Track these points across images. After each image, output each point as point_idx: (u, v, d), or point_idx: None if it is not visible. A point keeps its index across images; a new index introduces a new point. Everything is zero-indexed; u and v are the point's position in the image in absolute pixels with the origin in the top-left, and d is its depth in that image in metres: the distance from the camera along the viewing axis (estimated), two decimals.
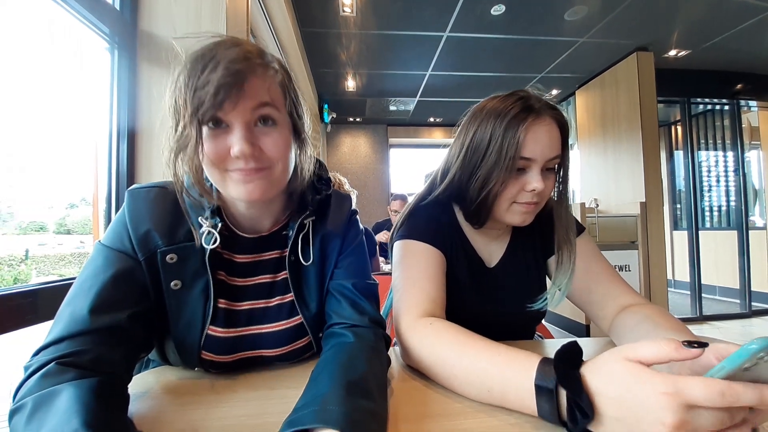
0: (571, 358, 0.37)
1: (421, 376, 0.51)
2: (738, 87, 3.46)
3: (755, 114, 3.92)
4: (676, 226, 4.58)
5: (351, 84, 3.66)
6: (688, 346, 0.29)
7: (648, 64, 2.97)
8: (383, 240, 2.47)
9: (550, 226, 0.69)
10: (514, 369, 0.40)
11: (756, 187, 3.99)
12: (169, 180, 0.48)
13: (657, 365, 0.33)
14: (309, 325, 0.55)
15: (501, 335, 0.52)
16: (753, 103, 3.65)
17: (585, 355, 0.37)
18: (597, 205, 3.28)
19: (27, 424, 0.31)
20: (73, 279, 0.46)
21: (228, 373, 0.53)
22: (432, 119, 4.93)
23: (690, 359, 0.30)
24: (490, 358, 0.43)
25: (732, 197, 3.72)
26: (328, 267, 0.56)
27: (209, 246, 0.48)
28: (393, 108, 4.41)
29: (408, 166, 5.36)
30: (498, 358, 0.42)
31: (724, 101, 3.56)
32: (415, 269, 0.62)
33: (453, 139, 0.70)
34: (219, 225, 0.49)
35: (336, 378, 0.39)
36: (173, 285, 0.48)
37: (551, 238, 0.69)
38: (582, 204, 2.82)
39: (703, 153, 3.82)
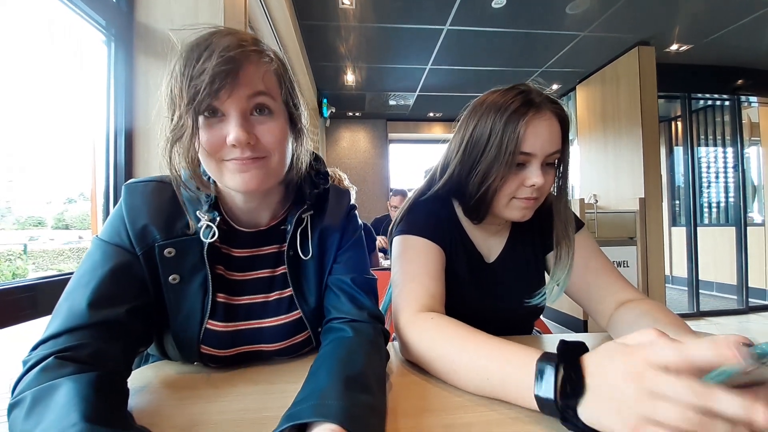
0: (577, 347, 0.37)
1: (420, 370, 0.52)
2: (739, 82, 3.45)
3: (755, 110, 3.91)
4: (674, 222, 4.58)
5: (350, 78, 3.64)
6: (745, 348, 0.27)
7: (649, 58, 2.95)
8: (383, 245, 2.45)
9: (549, 221, 0.69)
10: (514, 361, 0.40)
11: (755, 184, 3.98)
12: (167, 174, 0.47)
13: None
14: (308, 320, 0.55)
15: (499, 330, 0.52)
16: (753, 99, 3.64)
17: None
18: (596, 201, 3.28)
19: (26, 418, 0.31)
20: (71, 274, 0.45)
21: (227, 368, 0.53)
22: (432, 114, 4.91)
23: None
24: (490, 351, 0.43)
25: (731, 193, 3.72)
26: (326, 262, 0.56)
27: (207, 240, 0.48)
28: (392, 102, 4.38)
29: (407, 161, 5.35)
30: (498, 351, 0.42)
31: (724, 97, 3.54)
32: (415, 264, 0.62)
33: (453, 134, 0.69)
34: (217, 219, 0.49)
35: (335, 372, 0.39)
36: (171, 279, 0.48)
37: (550, 233, 0.69)
38: (581, 200, 2.82)
39: (703, 149, 3.81)
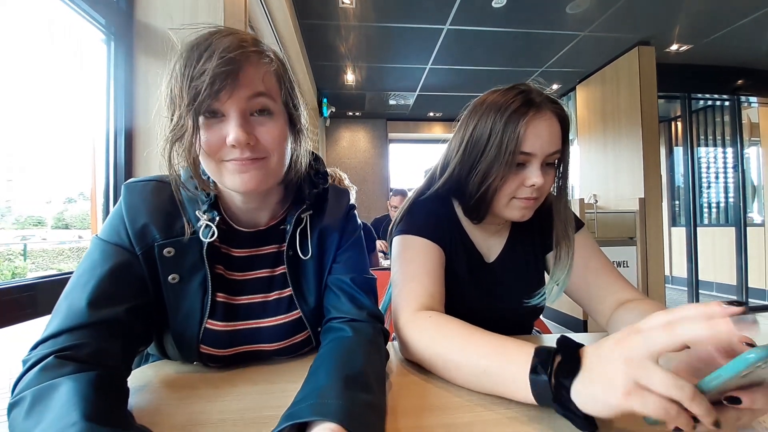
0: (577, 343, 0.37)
1: (420, 370, 0.52)
2: (739, 83, 3.45)
3: (755, 110, 3.91)
4: (674, 222, 4.59)
5: (350, 77, 3.63)
6: (728, 305, 0.28)
7: (649, 58, 2.95)
8: (383, 248, 2.45)
9: (549, 221, 0.69)
10: (512, 352, 0.41)
11: (755, 184, 3.99)
12: (166, 174, 0.47)
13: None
14: (308, 320, 0.55)
15: (499, 330, 0.52)
16: (753, 99, 3.64)
17: None
18: (596, 201, 3.28)
19: (26, 417, 0.31)
20: (71, 273, 0.45)
21: (227, 367, 0.53)
22: (432, 114, 4.91)
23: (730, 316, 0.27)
24: (488, 345, 0.44)
25: (730, 194, 3.73)
26: (326, 261, 0.56)
27: (207, 239, 0.48)
28: (392, 102, 4.38)
29: (407, 161, 5.34)
30: (496, 345, 0.43)
31: (724, 97, 3.54)
32: (414, 264, 0.62)
33: (453, 133, 0.69)
34: (216, 218, 0.49)
35: (334, 372, 0.39)
36: (171, 279, 0.48)
37: (550, 233, 0.69)
38: (581, 200, 2.82)
39: (703, 149, 3.82)
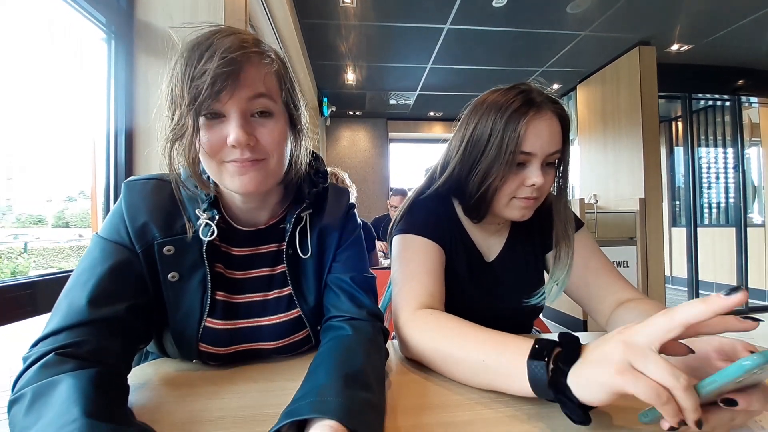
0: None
1: (420, 369, 0.52)
2: (739, 83, 3.44)
3: (756, 110, 3.91)
4: (674, 222, 4.58)
5: (351, 77, 3.63)
6: (726, 294, 0.28)
7: (650, 58, 2.95)
8: (383, 250, 2.46)
9: (548, 221, 0.69)
10: (512, 345, 0.41)
11: (755, 184, 3.98)
12: (167, 172, 0.47)
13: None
14: (307, 318, 0.55)
15: (498, 329, 0.52)
16: (754, 99, 3.64)
17: None
18: (596, 201, 3.28)
19: (26, 414, 0.32)
20: (71, 271, 0.45)
21: (227, 365, 0.53)
22: (432, 113, 4.90)
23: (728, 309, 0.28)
24: (487, 339, 0.44)
25: (731, 194, 3.72)
26: (326, 260, 0.56)
27: (206, 238, 0.48)
28: (393, 102, 4.38)
29: (408, 160, 5.34)
30: (496, 339, 0.44)
31: (725, 97, 3.54)
32: (414, 263, 0.62)
33: (453, 133, 0.69)
34: (216, 217, 0.49)
35: (334, 370, 0.39)
36: (171, 277, 0.48)
37: (550, 233, 0.69)
38: (581, 200, 2.82)
39: (703, 149, 3.81)
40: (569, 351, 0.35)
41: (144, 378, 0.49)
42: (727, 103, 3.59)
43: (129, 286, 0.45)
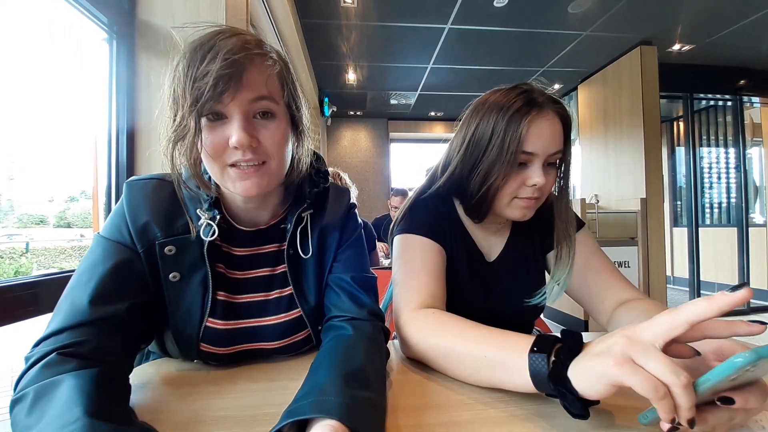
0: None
1: (421, 368, 0.52)
2: (741, 83, 3.44)
3: (757, 110, 3.90)
4: (676, 222, 4.57)
5: (352, 77, 3.63)
6: (731, 290, 0.28)
7: (651, 58, 2.94)
8: (384, 251, 2.45)
9: (550, 221, 0.69)
10: (513, 340, 0.42)
11: (757, 184, 3.97)
12: (168, 172, 0.47)
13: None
14: (308, 318, 0.55)
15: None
16: (756, 99, 3.63)
17: None
18: (597, 201, 3.27)
19: (28, 413, 0.32)
20: (73, 271, 0.46)
21: (228, 365, 0.53)
22: (433, 113, 4.90)
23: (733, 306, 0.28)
24: (488, 336, 0.44)
25: (732, 194, 3.71)
26: (326, 260, 0.56)
27: (208, 238, 0.48)
28: (394, 102, 4.38)
29: (409, 160, 5.34)
30: (497, 335, 0.44)
31: (727, 97, 3.53)
32: (415, 263, 0.62)
33: (455, 132, 0.69)
34: (217, 217, 0.49)
35: (334, 369, 0.39)
36: (172, 277, 0.48)
37: (551, 233, 0.69)
38: (582, 200, 2.81)
39: (705, 149, 3.80)
40: (571, 345, 0.36)
41: (145, 378, 0.50)
42: (729, 103, 3.58)
43: (130, 285, 0.45)
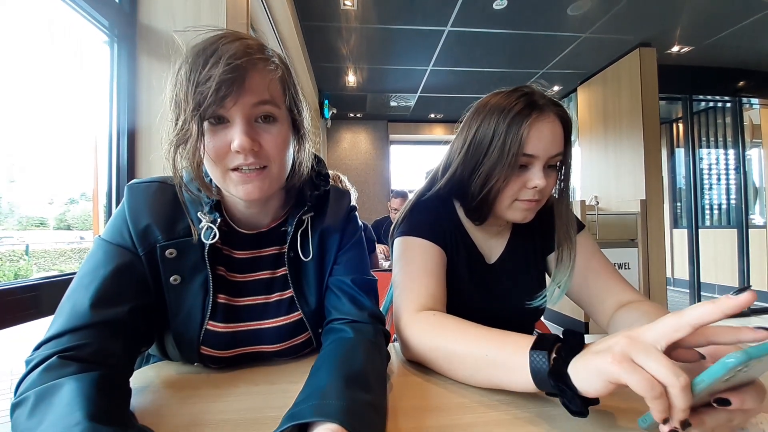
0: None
1: (421, 371, 0.52)
2: (740, 84, 3.44)
3: (757, 111, 3.91)
4: (676, 224, 4.57)
5: (351, 79, 3.64)
6: (735, 294, 0.28)
7: (650, 60, 2.95)
8: (384, 253, 2.45)
9: (550, 223, 0.69)
10: (513, 339, 0.42)
11: (756, 186, 3.98)
12: (169, 175, 0.48)
13: None
14: (308, 321, 0.55)
15: None
16: (755, 101, 3.64)
17: None
18: (597, 203, 3.27)
19: (29, 417, 0.32)
20: (74, 274, 0.46)
21: (228, 368, 0.53)
22: (433, 115, 4.91)
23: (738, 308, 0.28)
24: (489, 335, 0.45)
25: (732, 195, 3.72)
26: (327, 263, 0.56)
27: (208, 241, 0.48)
28: (394, 104, 4.39)
29: (408, 162, 5.34)
30: (498, 335, 0.45)
31: (726, 98, 3.54)
32: (415, 265, 0.62)
33: (455, 135, 0.70)
34: (218, 220, 0.49)
35: (335, 372, 0.39)
36: (173, 280, 0.48)
37: (551, 235, 0.69)
38: (582, 201, 2.81)
39: (705, 151, 3.81)
40: (572, 344, 0.36)
41: (146, 381, 0.49)
42: (728, 105, 3.59)
43: (131, 288, 0.45)
